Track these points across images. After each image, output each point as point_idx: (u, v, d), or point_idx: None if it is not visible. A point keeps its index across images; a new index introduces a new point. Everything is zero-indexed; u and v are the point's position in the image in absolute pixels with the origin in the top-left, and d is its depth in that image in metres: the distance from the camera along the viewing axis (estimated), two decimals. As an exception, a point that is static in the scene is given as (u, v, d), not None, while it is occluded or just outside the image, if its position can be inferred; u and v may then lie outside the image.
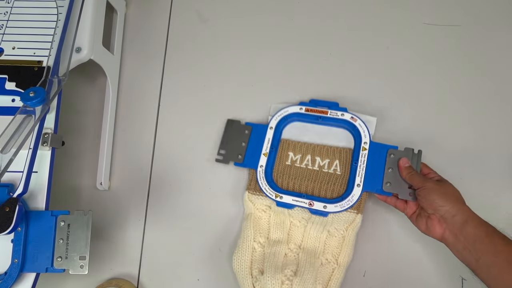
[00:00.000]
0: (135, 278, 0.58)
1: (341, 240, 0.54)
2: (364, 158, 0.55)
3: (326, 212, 0.53)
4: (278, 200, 0.54)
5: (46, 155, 0.50)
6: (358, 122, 0.57)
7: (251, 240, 0.55)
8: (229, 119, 0.61)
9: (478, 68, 0.62)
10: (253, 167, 0.57)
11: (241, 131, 0.60)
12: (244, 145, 0.59)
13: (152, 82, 0.66)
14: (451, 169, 0.58)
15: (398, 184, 0.53)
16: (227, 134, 0.61)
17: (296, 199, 0.54)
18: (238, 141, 0.59)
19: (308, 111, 0.59)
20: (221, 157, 0.59)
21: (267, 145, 0.58)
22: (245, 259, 0.54)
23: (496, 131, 0.59)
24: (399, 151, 0.55)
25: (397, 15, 0.65)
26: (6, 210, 0.44)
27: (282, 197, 0.55)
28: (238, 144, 0.59)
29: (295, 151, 0.59)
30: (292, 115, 0.59)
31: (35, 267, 0.46)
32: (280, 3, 0.67)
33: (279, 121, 0.59)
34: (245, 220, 0.57)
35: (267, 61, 0.65)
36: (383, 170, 0.54)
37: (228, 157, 0.59)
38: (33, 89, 0.48)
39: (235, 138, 0.60)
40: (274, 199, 0.55)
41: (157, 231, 0.59)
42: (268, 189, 0.55)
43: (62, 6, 0.56)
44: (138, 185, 0.61)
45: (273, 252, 0.54)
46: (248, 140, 0.59)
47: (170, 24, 0.68)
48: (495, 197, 0.57)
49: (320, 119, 0.59)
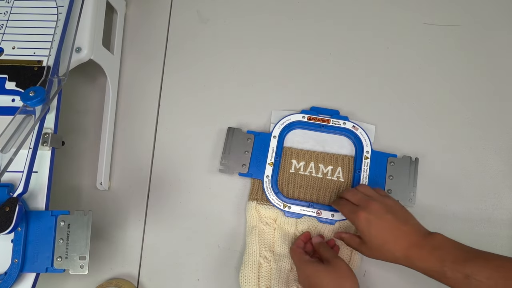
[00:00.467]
0: (135, 278, 0.58)
1: (349, 251, 0.54)
2: (367, 166, 0.56)
3: (334, 220, 0.54)
4: (286, 210, 0.55)
5: (46, 155, 0.50)
6: (360, 131, 0.58)
7: (257, 256, 0.55)
8: (229, 127, 0.60)
9: (477, 68, 0.62)
10: (259, 178, 0.57)
11: (243, 140, 0.59)
12: (247, 154, 0.58)
13: (152, 82, 0.66)
14: (451, 169, 0.58)
15: (399, 190, 0.55)
16: (229, 143, 0.59)
17: (304, 208, 0.55)
18: (241, 150, 0.59)
19: (311, 119, 0.59)
20: (224, 168, 0.58)
21: (271, 155, 0.58)
22: (252, 276, 0.54)
23: (496, 131, 0.59)
24: (398, 159, 0.57)
25: (397, 15, 0.66)
26: (6, 210, 0.44)
27: (290, 207, 0.55)
28: (241, 153, 0.58)
29: (298, 158, 0.59)
30: (295, 123, 0.59)
31: (35, 267, 0.46)
32: (280, 3, 0.67)
33: (282, 129, 0.59)
34: (248, 234, 0.56)
35: (267, 61, 0.65)
36: (384, 178, 0.56)
37: (232, 167, 0.58)
38: (33, 89, 0.48)
39: (238, 147, 0.59)
40: (283, 209, 0.55)
41: (157, 231, 0.59)
42: (276, 200, 0.55)
43: (62, 6, 0.56)
44: (138, 185, 0.61)
45: (279, 267, 0.54)
46: (252, 149, 0.59)
47: (170, 24, 0.68)
48: (495, 197, 0.57)
49: (323, 128, 0.59)
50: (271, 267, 0.54)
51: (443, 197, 0.57)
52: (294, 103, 0.62)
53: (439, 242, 0.44)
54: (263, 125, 0.62)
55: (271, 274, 0.54)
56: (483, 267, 0.40)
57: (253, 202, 0.57)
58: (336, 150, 0.59)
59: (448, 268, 0.41)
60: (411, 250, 0.44)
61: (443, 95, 0.61)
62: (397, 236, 0.45)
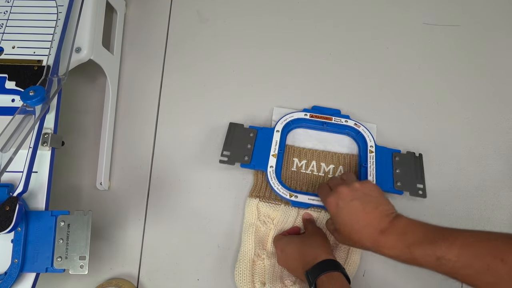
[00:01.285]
0: (135, 278, 0.58)
1: (345, 250, 0.54)
2: (373, 159, 0.56)
3: None
4: (293, 199, 0.54)
5: (46, 155, 0.50)
6: (362, 128, 0.58)
7: (252, 253, 0.55)
8: (231, 122, 0.60)
9: (477, 68, 0.62)
10: (262, 168, 0.56)
11: (246, 134, 0.59)
12: (250, 147, 0.57)
13: (152, 82, 0.66)
14: (451, 169, 0.58)
15: (408, 183, 0.55)
16: (231, 136, 0.59)
17: (312, 197, 0.54)
18: (243, 143, 0.58)
19: (313, 117, 0.59)
20: (225, 158, 0.57)
21: (275, 147, 0.57)
22: (246, 273, 0.54)
23: (496, 130, 0.59)
24: (402, 154, 0.57)
25: (396, 15, 0.66)
26: (6, 209, 0.44)
27: (297, 197, 0.54)
28: (243, 146, 0.58)
29: (300, 157, 0.59)
30: (297, 121, 0.59)
31: (35, 267, 0.46)
32: (280, 3, 0.67)
33: (285, 125, 0.59)
34: (245, 232, 0.56)
35: (267, 61, 0.65)
36: (391, 171, 0.56)
37: (233, 158, 0.57)
38: (33, 88, 0.48)
39: (240, 140, 0.58)
40: (289, 198, 0.54)
41: (157, 231, 0.59)
42: (282, 189, 0.54)
43: (62, 5, 0.56)
44: (138, 185, 0.61)
45: (272, 263, 0.54)
46: (254, 143, 0.58)
47: (170, 24, 0.68)
48: (495, 197, 0.57)
49: (325, 125, 0.59)
50: (264, 264, 0.54)
51: (443, 197, 0.57)
52: (294, 103, 0.62)
53: (403, 226, 0.42)
54: (263, 124, 0.62)
55: (265, 270, 0.54)
56: (451, 246, 0.38)
57: (255, 199, 0.56)
58: (338, 149, 0.59)
59: (417, 252, 0.39)
60: (378, 238, 0.42)
61: (443, 95, 0.61)
62: (364, 224, 0.43)
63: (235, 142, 0.58)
